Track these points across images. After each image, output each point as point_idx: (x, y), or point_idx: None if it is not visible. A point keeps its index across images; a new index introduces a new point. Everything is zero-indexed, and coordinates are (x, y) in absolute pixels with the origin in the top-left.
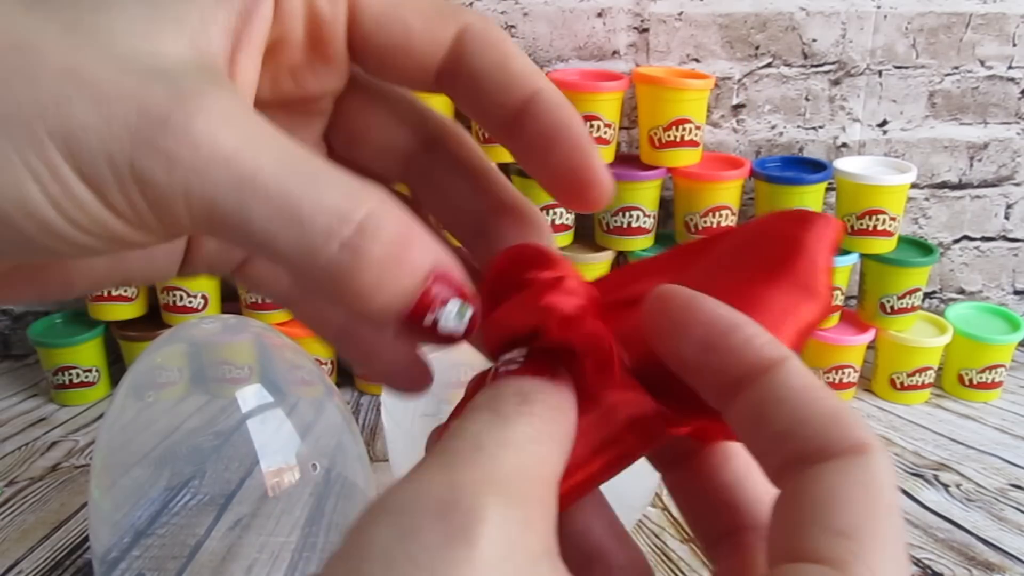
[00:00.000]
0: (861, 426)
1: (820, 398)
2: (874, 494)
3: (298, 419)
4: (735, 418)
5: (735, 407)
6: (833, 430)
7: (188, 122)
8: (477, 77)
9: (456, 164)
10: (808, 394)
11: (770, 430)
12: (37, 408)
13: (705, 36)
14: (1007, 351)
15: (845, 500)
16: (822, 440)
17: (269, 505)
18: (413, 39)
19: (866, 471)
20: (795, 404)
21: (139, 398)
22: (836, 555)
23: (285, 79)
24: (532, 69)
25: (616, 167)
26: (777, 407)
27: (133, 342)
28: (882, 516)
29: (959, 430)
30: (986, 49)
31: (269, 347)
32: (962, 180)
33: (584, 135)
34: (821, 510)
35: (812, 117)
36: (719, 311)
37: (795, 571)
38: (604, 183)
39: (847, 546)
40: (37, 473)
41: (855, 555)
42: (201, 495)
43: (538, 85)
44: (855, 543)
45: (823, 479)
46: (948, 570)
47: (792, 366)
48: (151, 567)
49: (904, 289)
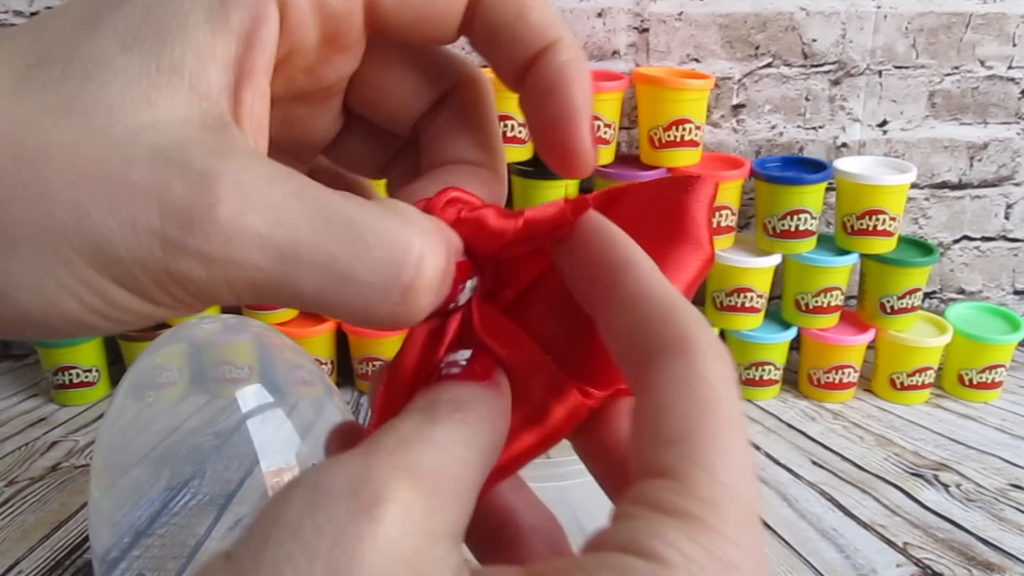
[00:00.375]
0: (688, 319)
1: (658, 296)
2: (697, 392)
3: (298, 419)
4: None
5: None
6: (659, 327)
7: (213, 214)
8: (493, 28)
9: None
10: (648, 293)
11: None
12: (37, 408)
13: (705, 36)
14: (1007, 351)
15: (670, 404)
16: (654, 339)
17: None
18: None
19: (688, 368)
20: (634, 304)
21: (139, 398)
22: (669, 464)
23: (300, 78)
24: (551, 21)
25: (616, 167)
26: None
27: (133, 342)
28: (709, 413)
29: (959, 430)
30: (986, 49)
31: (269, 347)
32: (962, 180)
33: (581, 98)
34: (651, 419)
35: (812, 117)
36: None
37: (635, 491)
38: (585, 152)
39: (679, 452)
40: (37, 473)
41: (689, 460)
42: (201, 495)
43: (555, 36)
44: (687, 447)
45: (651, 384)
46: (948, 570)
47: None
48: (151, 567)
49: (904, 289)
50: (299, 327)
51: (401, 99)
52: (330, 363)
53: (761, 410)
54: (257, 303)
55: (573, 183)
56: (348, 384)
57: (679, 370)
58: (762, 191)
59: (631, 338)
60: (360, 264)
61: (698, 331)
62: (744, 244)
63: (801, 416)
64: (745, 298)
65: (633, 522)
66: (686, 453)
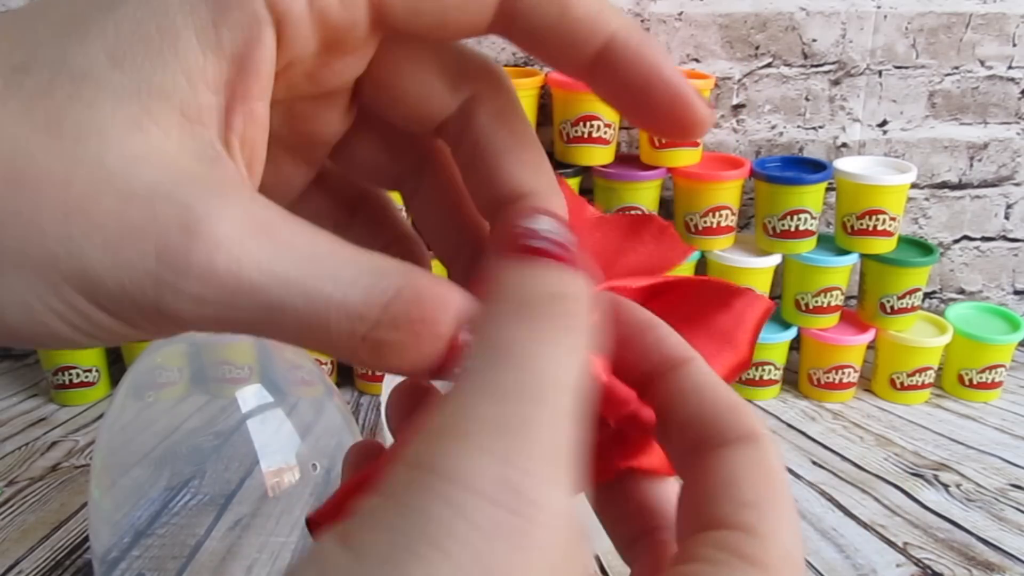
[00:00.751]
0: (754, 416)
1: (721, 392)
2: (769, 473)
3: (298, 419)
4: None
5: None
6: (732, 419)
7: (209, 259)
8: (538, 31)
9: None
10: (710, 389)
11: (677, 418)
12: (37, 408)
13: (705, 36)
14: (1007, 351)
15: (746, 478)
16: (723, 428)
17: (269, 505)
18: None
19: (762, 454)
20: (699, 396)
21: (139, 398)
22: (744, 521)
23: (300, 83)
24: (597, 10)
25: (616, 167)
26: (684, 398)
27: (133, 342)
28: (777, 490)
29: (959, 430)
30: (986, 49)
31: (269, 347)
32: (962, 180)
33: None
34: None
35: (812, 117)
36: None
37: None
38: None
39: (752, 513)
40: (37, 473)
41: (759, 519)
42: (201, 495)
43: (610, 29)
44: (758, 511)
45: (726, 461)
46: (948, 570)
47: (698, 364)
48: (151, 567)
49: (904, 289)
50: None
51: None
52: (330, 363)
53: (761, 410)
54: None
55: (572, 183)
56: (348, 384)
57: (753, 455)
58: (762, 191)
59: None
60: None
61: (764, 428)
62: (744, 244)
63: (801, 416)
64: None
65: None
66: (758, 515)
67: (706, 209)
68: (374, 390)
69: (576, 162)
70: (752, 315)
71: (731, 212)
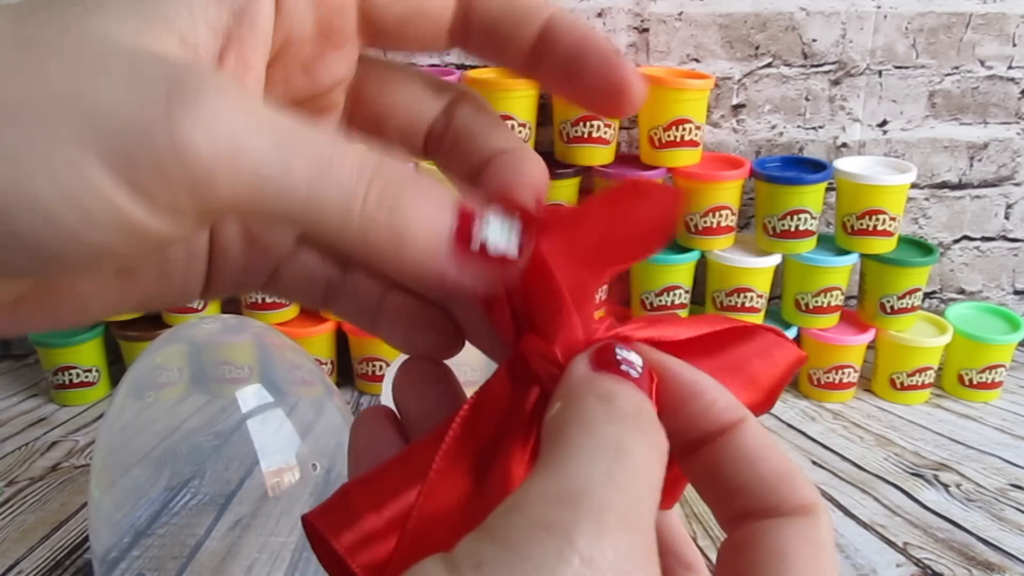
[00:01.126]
0: (810, 487)
1: (773, 458)
2: (822, 551)
3: (298, 419)
4: (694, 470)
5: (696, 461)
6: (786, 489)
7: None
8: (488, 23)
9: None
10: (763, 453)
11: (727, 485)
12: (37, 408)
13: (705, 36)
14: (1007, 351)
15: (798, 555)
16: (775, 498)
17: (269, 505)
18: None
19: (815, 530)
20: (751, 462)
21: (139, 398)
22: None
23: (297, 77)
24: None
25: (616, 167)
26: (734, 465)
27: (133, 342)
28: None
29: (959, 430)
30: (986, 49)
31: (269, 347)
32: (962, 180)
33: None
34: (776, 562)
35: (812, 117)
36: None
37: None
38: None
39: None
40: (37, 473)
41: None
42: (201, 495)
43: (548, 12)
44: None
45: (776, 534)
46: (948, 570)
47: (749, 426)
48: (151, 567)
49: (904, 289)
50: (299, 327)
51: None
52: (330, 363)
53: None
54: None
55: (572, 183)
56: (348, 384)
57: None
58: (762, 191)
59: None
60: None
61: (820, 500)
62: (744, 244)
63: (801, 416)
64: (745, 298)
65: None
66: None
67: (706, 209)
68: (374, 390)
69: (576, 162)
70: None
71: (731, 212)
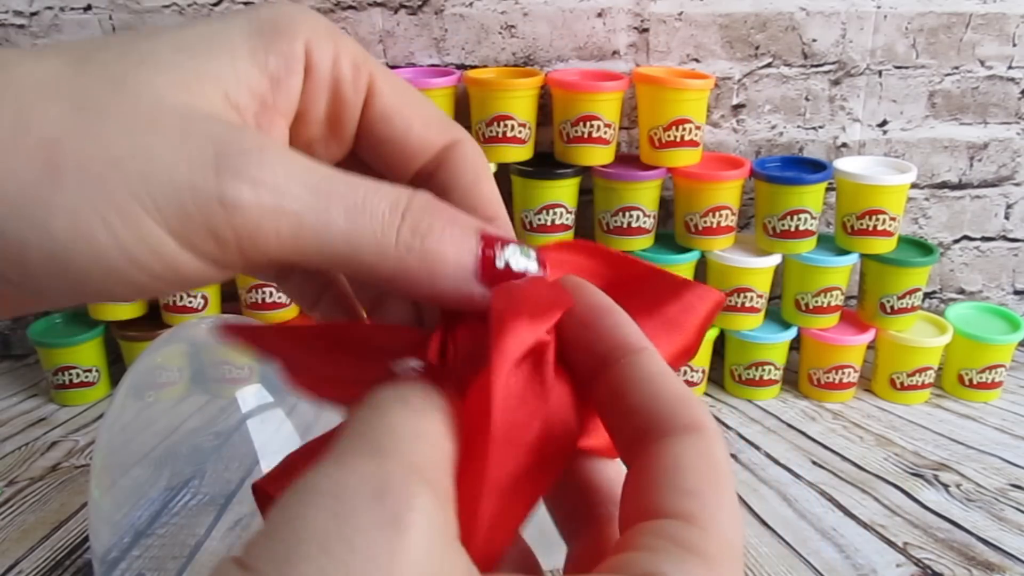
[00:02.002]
0: (702, 408)
1: (670, 382)
2: (712, 463)
3: (298, 419)
4: (598, 393)
5: (599, 383)
6: (679, 409)
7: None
8: (449, 190)
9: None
10: (662, 379)
11: (625, 405)
12: (37, 408)
13: (705, 36)
14: (1007, 351)
15: (690, 467)
16: (669, 417)
17: None
18: (411, 138)
19: (705, 444)
20: (650, 383)
21: (139, 398)
22: (685, 509)
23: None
24: (496, 197)
25: (616, 167)
26: (633, 385)
27: (133, 342)
28: (720, 480)
29: (959, 430)
30: (986, 49)
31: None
32: (962, 180)
33: None
34: (670, 475)
35: (812, 117)
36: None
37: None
38: None
39: (694, 502)
40: (37, 473)
41: (700, 508)
42: (201, 495)
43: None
44: (700, 500)
45: (670, 450)
46: (948, 570)
47: (650, 354)
48: (151, 567)
49: (904, 289)
50: None
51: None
52: None
53: (761, 410)
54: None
55: (572, 183)
56: None
57: (698, 445)
58: (762, 191)
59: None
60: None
61: (710, 420)
62: (744, 244)
63: (801, 416)
64: (745, 298)
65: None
66: (700, 503)
67: (706, 209)
68: None
69: (576, 162)
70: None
71: (731, 212)
